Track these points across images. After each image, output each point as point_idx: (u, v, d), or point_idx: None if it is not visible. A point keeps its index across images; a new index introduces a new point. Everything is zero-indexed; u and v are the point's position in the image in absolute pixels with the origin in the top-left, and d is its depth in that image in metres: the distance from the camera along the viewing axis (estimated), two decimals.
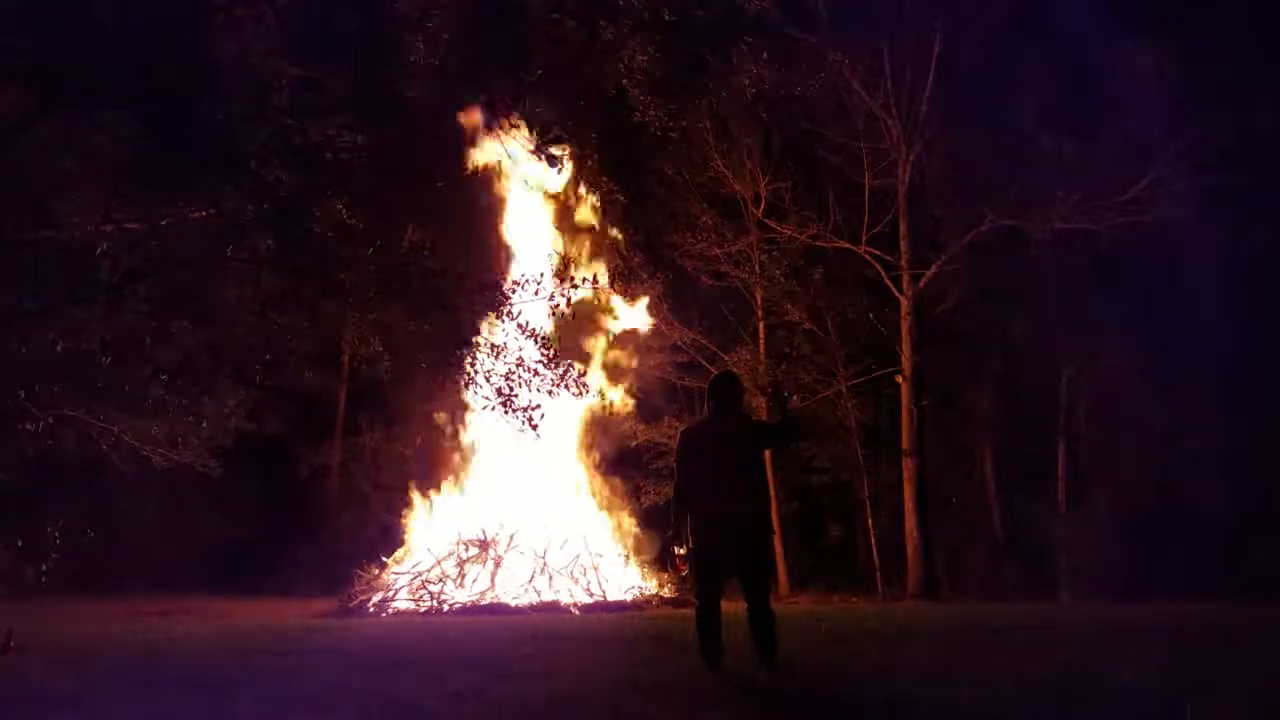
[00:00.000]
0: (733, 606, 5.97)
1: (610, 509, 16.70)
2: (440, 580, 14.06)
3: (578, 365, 11.98)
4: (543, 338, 10.93)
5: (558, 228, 16.94)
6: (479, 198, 16.34)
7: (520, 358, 10.65)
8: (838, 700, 5.42)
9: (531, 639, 8.56)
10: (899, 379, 17.55)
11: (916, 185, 17.72)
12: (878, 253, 17.85)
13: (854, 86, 17.24)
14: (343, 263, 9.70)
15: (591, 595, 13.93)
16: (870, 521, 19.80)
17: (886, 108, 17.25)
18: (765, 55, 15.52)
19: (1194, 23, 16.05)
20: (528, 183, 16.53)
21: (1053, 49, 16.34)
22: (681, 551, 5.99)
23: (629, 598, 14.23)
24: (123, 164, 9.61)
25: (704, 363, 19.00)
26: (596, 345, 17.32)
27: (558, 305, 11.35)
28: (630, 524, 16.72)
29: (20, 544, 12.16)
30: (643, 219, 19.75)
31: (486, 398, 10.77)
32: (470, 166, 14.34)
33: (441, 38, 9.10)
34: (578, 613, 13.03)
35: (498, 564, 14.19)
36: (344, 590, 14.84)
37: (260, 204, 8.95)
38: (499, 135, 14.34)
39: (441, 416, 16.99)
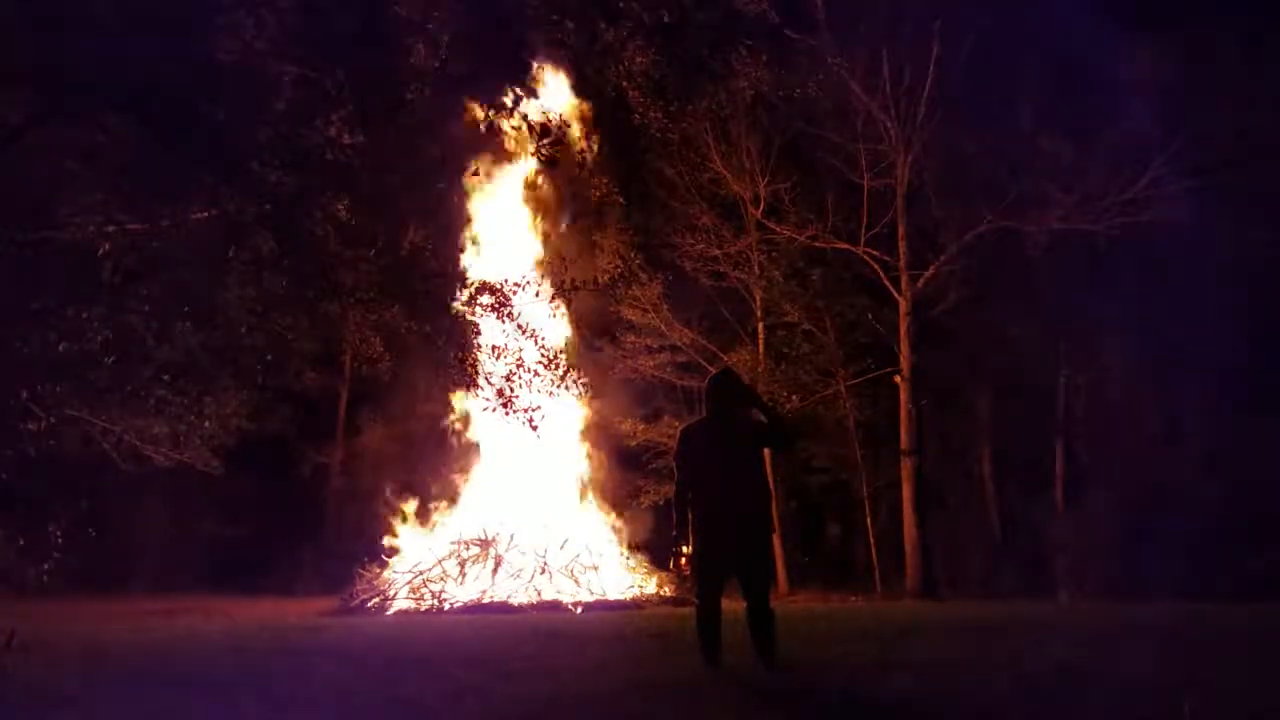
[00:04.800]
0: (733, 605, 6.00)
1: (610, 508, 16.74)
2: (441, 579, 14.10)
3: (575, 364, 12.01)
4: (543, 338, 10.95)
5: (557, 229, 16.98)
6: (478, 199, 16.38)
7: (520, 359, 10.67)
8: (837, 698, 5.44)
9: (532, 637, 8.59)
10: (897, 379, 17.58)
11: (915, 186, 17.75)
12: (876, 253, 17.89)
13: (852, 88, 17.27)
14: (343, 263, 9.72)
15: (592, 594, 13.96)
16: (869, 521, 19.83)
17: (885, 109, 17.28)
18: (764, 57, 15.55)
19: (1192, 22, 16.08)
20: (527, 183, 16.58)
21: (1051, 50, 16.37)
22: (686, 550, 6.01)
23: (629, 597, 14.27)
24: (124, 165, 9.62)
25: (704, 363, 19.04)
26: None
27: (558, 306, 11.38)
28: (630, 523, 16.75)
29: (22, 543, 12.17)
30: (642, 220, 19.79)
31: (487, 399, 10.80)
32: (470, 167, 14.38)
33: (441, 39, 9.13)
34: (578, 611, 13.06)
35: (498, 563, 14.23)
36: (345, 589, 14.89)
37: (261, 205, 8.96)
38: (498, 136, 14.36)
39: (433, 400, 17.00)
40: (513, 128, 10.64)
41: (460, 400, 15.28)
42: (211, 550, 20.70)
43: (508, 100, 9.75)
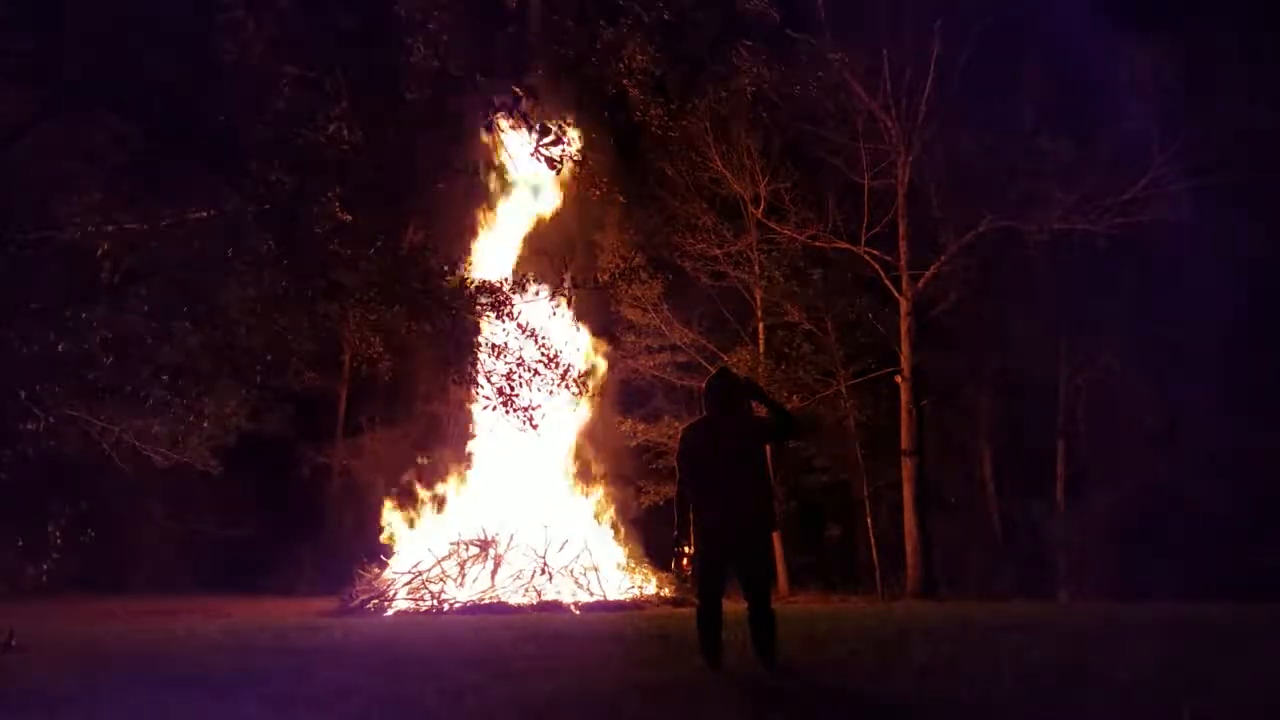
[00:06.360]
0: (733, 606, 6.00)
1: (610, 508, 16.73)
2: (441, 580, 14.09)
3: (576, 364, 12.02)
4: (543, 338, 10.94)
5: (557, 228, 16.98)
6: (479, 199, 16.38)
7: (521, 358, 10.67)
8: (837, 699, 5.44)
9: (532, 638, 8.58)
10: (898, 379, 17.57)
11: (915, 186, 17.75)
12: (877, 253, 17.89)
13: (853, 87, 17.27)
14: (343, 263, 9.71)
15: (592, 595, 13.96)
16: (869, 521, 19.83)
17: (886, 109, 17.28)
18: (765, 56, 15.56)
19: (1192, 22, 16.08)
20: (527, 183, 16.57)
21: (1051, 50, 16.38)
22: (688, 551, 6.00)
23: (629, 597, 14.26)
24: (123, 165, 9.62)
25: (704, 363, 19.04)
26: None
27: (558, 305, 11.38)
28: (630, 523, 16.75)
29: (21, 543, 12.17)
30: (643, 220, 19.78)
31: (487, 398, 10.79)
32: (470, 167, 14.38)
33: (441, 39, 9.12)
34: (578, 612, 13.06)
35: (498, 563, 14.23)
36: (345, 589, 14.88)
37: (261, 204, 8.95)
38: (498, 136, 14.33)
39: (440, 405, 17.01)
40: (511, 127, 10.63)
41: (461, 400, 15.30)
42: (211, 550, 20.72)
43: (508, 100, 9.74)
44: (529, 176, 16.27)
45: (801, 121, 18.33)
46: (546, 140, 10.38)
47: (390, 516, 16.57)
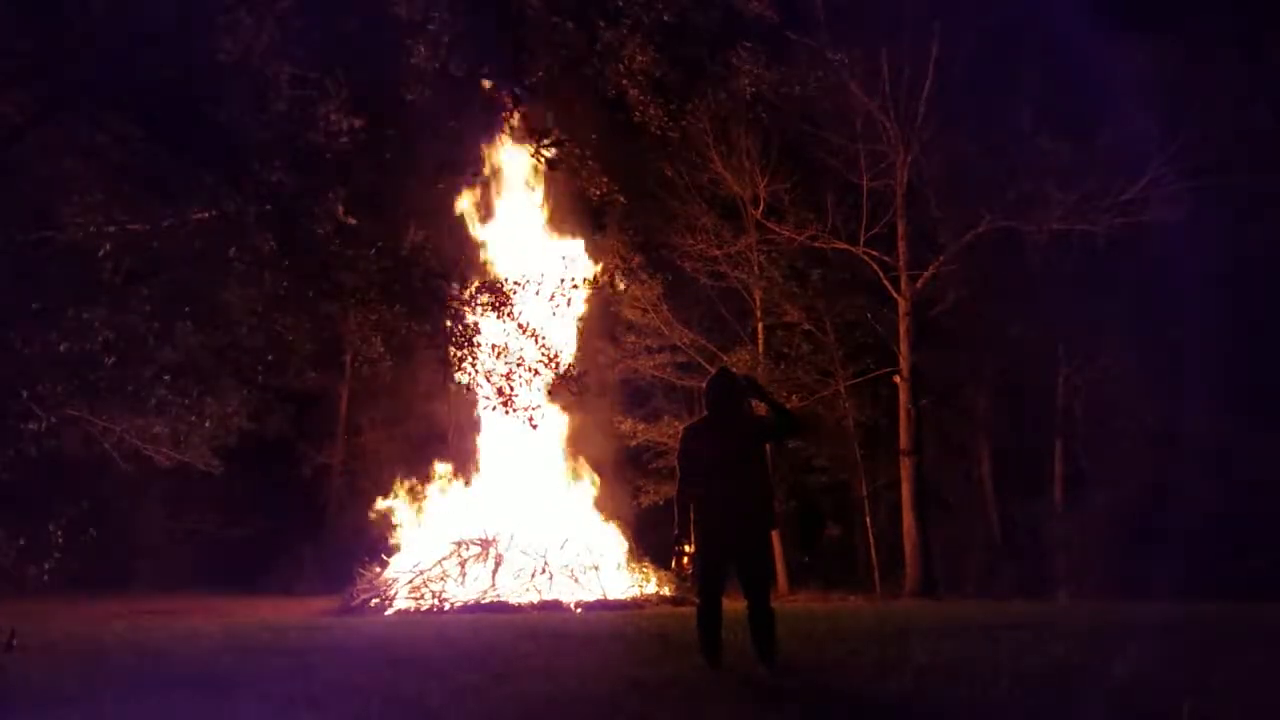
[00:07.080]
0: (733, 605, 6.01)
1: (610, 508, 16.75)
2: (441, 579, 14.10)
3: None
4: (543, 337, 10.95)
5: (557, 228, 17.00)
6: (478, 199, 16.40)
7: (521, 358, 10.67)
8: (836, 698, 5.45)
9: (532, 637, 8.59)
10: (897, 379, 17.58)
11: (914, 186, 17.76)
12: (876, 253, 17.90)
13: (852, 88, 17.27)
14: (344, 263, 9.72)
15: (592, 594, 13.97)
16: (868, 521, 19.85)
17: (884, 109, 17.28)
18: (764, 58, 15.56)
19: (1192, 23, 16.09)
20: (527, 184, 16.60)
21: (1050, 51, 16.39)
22: (688, 550, 6.01)
23: (629, 596, 14.28)
24: (124, 165, 9.64)
25: (703, 363, 19.06)
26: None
27: (558, 305, 11.39)
28: (630, 523, 16.76)
29: (23, 543, 12.17)
30: (642, 220, 19.79)
31: (487, 397, 10.80)
32: (470, 168, 14.40)
33: (442, 40, 9.13)
34: (578, 611, 13.07)
35: (499, 563, 14.23)
36: (346, 589, 14.90)
37: (261, 205, 8.96)
38: (498, 137, 14.33)
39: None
40: (512, 128, 10.64)
41: (461, 399, 15.31)
42: (211, 550, 20.73)
43: (508, 101, 9.76)
44: (528, 176, 16.33)
45: (801, 122, 18.33)
46: (546, 141, 10.40)
47: (390, 516, 16.58)
